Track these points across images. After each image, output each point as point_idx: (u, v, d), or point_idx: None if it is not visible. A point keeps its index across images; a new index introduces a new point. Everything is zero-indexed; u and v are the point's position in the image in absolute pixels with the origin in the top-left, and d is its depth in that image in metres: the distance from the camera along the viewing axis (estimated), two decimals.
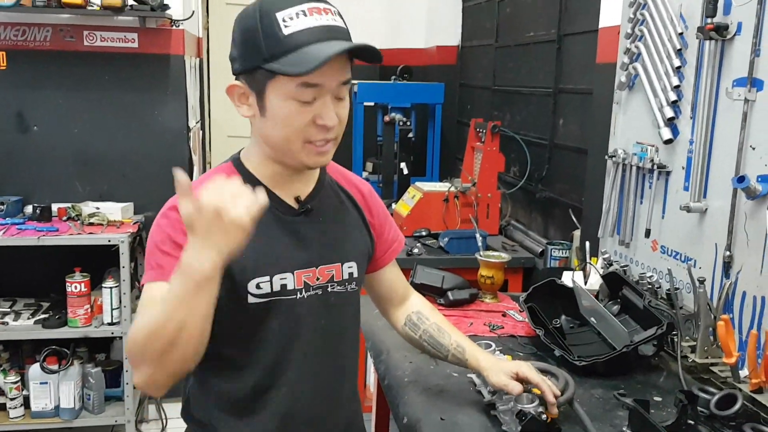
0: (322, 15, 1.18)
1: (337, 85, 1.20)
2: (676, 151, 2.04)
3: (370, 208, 1.45)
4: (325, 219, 1.35)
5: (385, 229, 1.49)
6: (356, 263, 1.39)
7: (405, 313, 1.56)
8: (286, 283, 1.28)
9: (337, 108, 1.21)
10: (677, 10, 2.03)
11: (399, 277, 1.57)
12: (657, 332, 1.76)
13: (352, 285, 1.39)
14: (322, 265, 1.33)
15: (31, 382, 3.06)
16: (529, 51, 3.59)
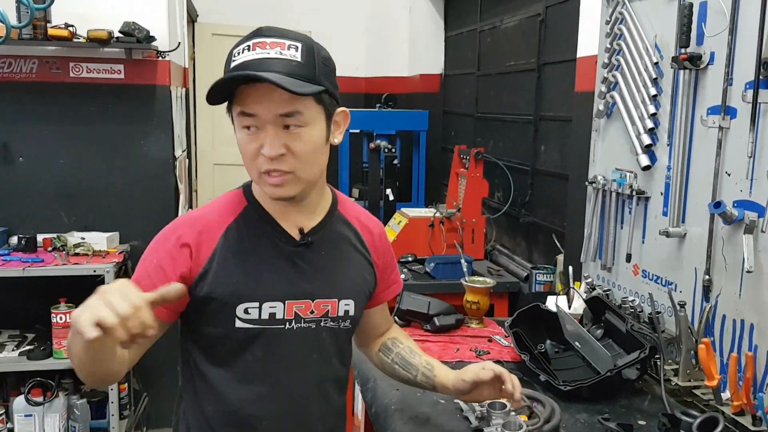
0: (265, 49, 1.19)
1: (274, 116, 1.18)
2: (654, 178, 2.09)
3: (377, 249, 1.45)
4: (327, 253, 1.35)
5: (388, 271, 1.50)
6: (354, 301, 1.37)
7: (381, 341, 1.58)
8: (275, 312, 1.28)
9: (286, 139, 1.19)
10: (652, 40, 2.09)
11: (386, 313, 1.59)
12: (640, 356, 1.79)
13: (346, 323, 1.37)
14: (318, 299, 1.32)
15: (16, 414, 3.02)
16: (510, 79, 3.66)
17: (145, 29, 3.14)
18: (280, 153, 1.19)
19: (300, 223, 1.32)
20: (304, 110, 1.19)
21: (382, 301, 1.53)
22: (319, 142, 1.23)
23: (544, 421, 1.55)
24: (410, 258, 3.40)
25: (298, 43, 1.21)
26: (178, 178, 3.59)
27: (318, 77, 1.20)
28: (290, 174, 1.22)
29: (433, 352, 2.13)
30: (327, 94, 1.23)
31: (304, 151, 1.21)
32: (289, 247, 1.31)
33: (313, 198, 1.33)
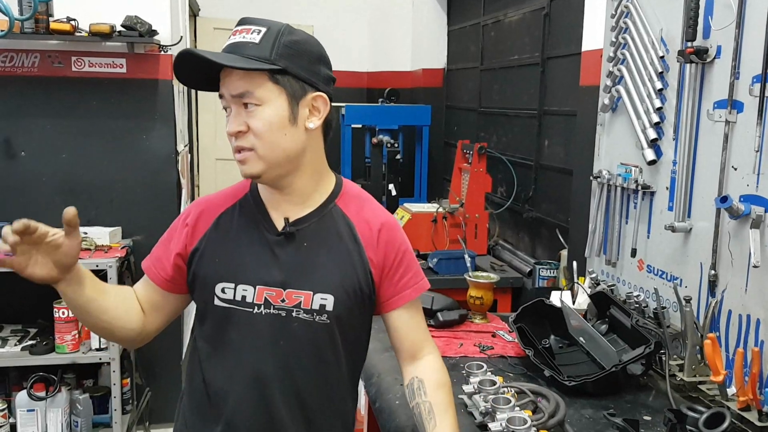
0: (241, 34, 1.29)
1: (231, 96, 1.28)
2: (660, 172, 2.08)
3: (377, 246, 1.39)
4: (309, 245, 1.36)
5: (397, 273, 1.40)
6: (334, 297, 1.34)
7: (410, 375, 1.44)
8: (246, 295, 1.34)
9: (245, 117, 1.28)
10: (658, 34, 2.08)
11: (409, 329, 1.44)
12: (645, 351, 1.78)
13: (323, 317, 1.35)
14: (290, 289, 1.34)
15: (18, 409, 3.02)
16: (513, 74, 3.64)
17: (147, 23, 3.13)
18: (239, 130, 1.28)
19: (288, 214, 1.37)
20: (256, 90, 1.27)
21: (393, 305, 1.41)
22: (276, 121, 1.28)
23: (549, 416, 1.55)
24: None
25: (263, 28, 1.29)
26: (181, 173, 3.58)
27: (274, 58, 1.27)
28: (251, 151, 1.29)
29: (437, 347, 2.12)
30: (288, 76, 1.29)
31: (260, 128, 1.28)
32: (271, 235, 1.36)
33: (301, 188, 1.37)
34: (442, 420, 1.36)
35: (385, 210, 1.47)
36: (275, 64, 1.27)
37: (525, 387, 1.67)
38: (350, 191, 1.44)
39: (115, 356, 3.03)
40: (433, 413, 1.37)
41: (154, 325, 1.43)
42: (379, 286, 1.40)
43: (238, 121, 1.28)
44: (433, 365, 1.44)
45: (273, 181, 1.34)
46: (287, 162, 1.32)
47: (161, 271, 1.41)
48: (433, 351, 1.47)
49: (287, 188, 1.36)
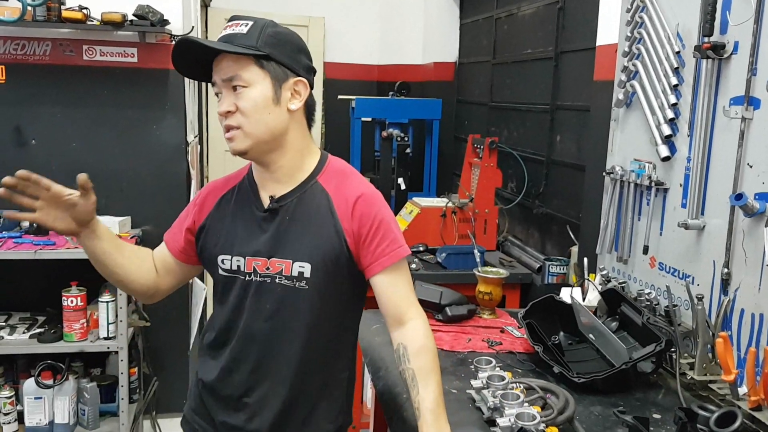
0: (231, 28, 1.48)
1: (222, 80, 1.47)
2: (674, 169, 2.06)
3: (352, 217, 1.51)
4: (291, 219, 1.54)
5: (374, 241, 1.50)
6: (311, 265, 1.51)
7: (396, 341, 1.52)
8: (240, 265, 1.55)
9: (234, 99, 1.46)
10: (674, 29, 2.06)
11: (390, 294, 1.52)
12: (656, 349, 1.76)
13: (302, 283, 1.52)
14: (273, 258, 1.53)
15: (26, 397, 3.03)
16: (526, 68, 3.62)
17: (159, 13, 3.12)
18: (228, 110, 1.46)
19: (273, 191, 1.55)
20: (243, 73, 1.45)
21: (372, 271, 1.51)
22: (261, 101, 1.46)
23: (558, 412, 1.53)
24: (421, 248, 3.38)
25: (250, 22, 1.48)
26: (190, 164, 3.58)
27: (259, 45, 1.45)
28: (239, 129, 1.47)
29: (445, 342, 2.11)
30: (272, 62, 1.47)
31: (247, 107, 1.45)
32: (258, 212, 1.56)
33: (285, 166, 1.54)
34: (425, 387, 1.45)
35: (365, 183, 1.59)
36: (260, 50, 1.45)
37: (534, 383, 1.66)
38: (333, 167, 1.59)
39: (123, 345, 3.04)
40: (415, 380, 1.46)
41: (165, 285, 1.69)
42: (357, 254, 1.52)
43: (228, 102, 1.46)
44: (416, 330, 1.51)
45: (259, 156, 1.52)
46: (271, 139, 1.50)
47: (176, 242, 1.65)
48: (417, 317, 1.53)
49: (273, 165, 1.54)
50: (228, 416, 1.60)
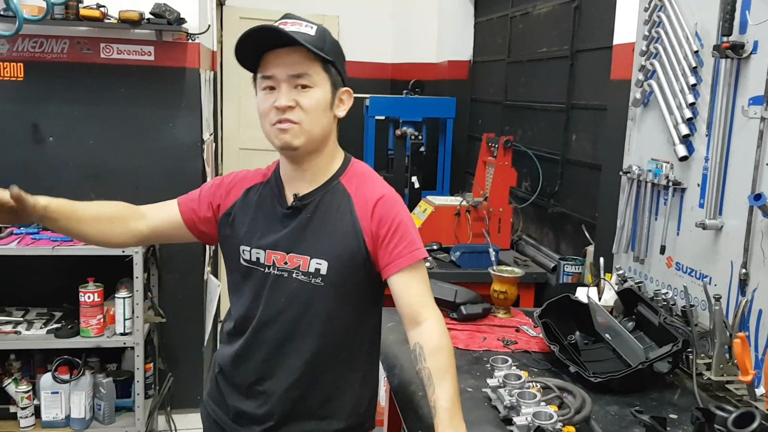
0: (294, 26, 1.48)
1: (287, 75, 1.47)
2: (692, 168, 2.05)
3: (371, 218, 1.54)
4: (311, 217, 1.57)
5: (391, 242, 1.52)
6: (328, 262, 1.54)
7: (413, 341, 1.53)
8: (260, 257, 1.59)
9: (296, 96, 1.48)
10: (693, 28, 2.05)
11: (406, 293, 1.54)
12: (672, 349, 1.76)
13: (317, 280, 1.55)
14: (292, 253, 1.56)
15: (43, 391, 3.06)
16: (541, 66, 3.61)
17: (175, 11, 3.14)
18: (290, 105, 1.47)
19: (298, 190, 1.59)
20: (313, 73, 1.48)
21: (389, 271, 1.53)
22: (323, 103, 1.51)
23: (575, 411, 1.53)
24: (435, 246, 3.38)
25: (314, 25, 1.50)
26: (206, 162, 3.60)
27: (327, 51, 1.49)
28: (297, 124, 1.48)
29: (460, 340, 2.12)
30: (333, 67, 1.52)
31: (310, 105, 1.48)
32: (281, 209, 1.60)
33: (316, 166, 1.58)
34: (440, 386, 1.44)
35: (385, 186, 1.62)
36: (328, 56, 1.50)
37: (550, 382, 1.66)
38: (356, 169, 1.64)
39: (139, 341, 3.06)
40: (431, 380, 1.46)
41: (150, 235, 1.69)
42: (375, 254, 1.55)
43: (289, 97, 1.47)
44: (432, 330, 1.51)
45: (302, 155, 1.55)
46: (319, 140, 1.54)
47: (190, 208, 1.67)
48: (432, 316, 1.53)
49: (306, 164, 1.57)
50: (240, 402, 1.64)
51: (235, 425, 1.66)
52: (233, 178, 1.68)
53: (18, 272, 3.28)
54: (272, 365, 1.60)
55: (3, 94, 3.25)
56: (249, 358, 1.63)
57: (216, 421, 1.70)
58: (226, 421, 1.67)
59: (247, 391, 1.63)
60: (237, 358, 1.64)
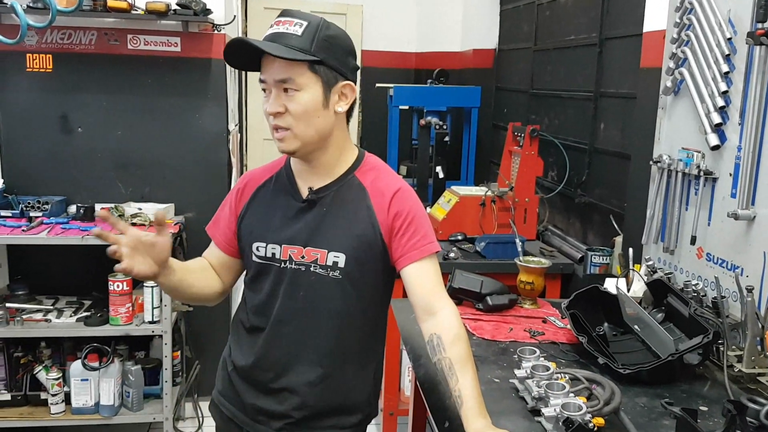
0: (284, 25, 1.48)
1: (274, 81, 1.47)
2: (723, 158, 2.01)
3: (387, 211, 1.56)
4: (328, 211, 1.58)
5: (405, 235, 1.55)
6: (346, 255, 1.55)
7: (429, 331, 1.53)
8: (275, 252, 1.59)
9: (285, 100, 1.48)
10: (726, 15, 2.01)
11: (419, 284, 1.55)
12: (703, 341, 1.73)
13: (335, 273, 1.56)
14: (309, 247, 1.57)
15: (73, 378, 3.11)
16: (568, 54, 3.56)
17: (201, 2, 3.16)
18: (278, 111, 1.48)
19: (311, 183, 1.59)
20: (297, 77, 1.46)
21: (403, 263, 1.55)
22: (312, 105, 1.49)
23: (604, 403, 1.52)
24: (460, 237, 3.36)
25: (305, 22, 1.47)
26: (231, 152, 3.62)
27: (314, 50, 1.46)
28: (288, 130, 1.49)
29: (486, 331, 2.11)
30: (324, 66, 1.48)
31: (297, 111, 1.48)
32: (297, 202, 1.60)
33: (325, 161, 1.58)
34: (464, 375, 1.45)
35: (400, 179, 1.63)
36: (314, 55, 1.46)
37: (579, 374, 1.64)
38: (370, 163, 1.64)
39: (166, 329, 3.10)
40: (453, 369, 1.46)
41: (229, 282, 1.73)
42: (389, 246, 1.57)
43: (278, 103, 1.48)
44: (448, 320, 1.52)
45: (305, 156, 1.56)
46: (319, 140, 1.53)
47: (225, 238, 1.69)
48: (446, 306, 1.54)
49: (314, 161, 1.58)
50: (258, 399, 1.64)
51: (254, 422, 1.66)
52: (244, 180, 1.70)
53: (48, 261, 3.34)
54: (291, 361, 1.61)
55: (32, 85, 3.30)
56: (267, 354, 1.63)
57: (231, 419, 1.70)
58: (244, 419, 1.68)
59: (266, 387, 1.63)
60: (255, 356, 1.64)
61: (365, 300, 1.62)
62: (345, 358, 1.63)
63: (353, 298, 1.59)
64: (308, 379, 1.61)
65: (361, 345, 1.66)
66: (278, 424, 1.63)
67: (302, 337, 1.60)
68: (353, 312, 1.60)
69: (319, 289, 1.57)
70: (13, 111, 3.31)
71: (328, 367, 1.61)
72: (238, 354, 1.69)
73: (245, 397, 1.66)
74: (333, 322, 1.59)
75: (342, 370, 1.63)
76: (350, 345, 1.63)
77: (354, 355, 1.65)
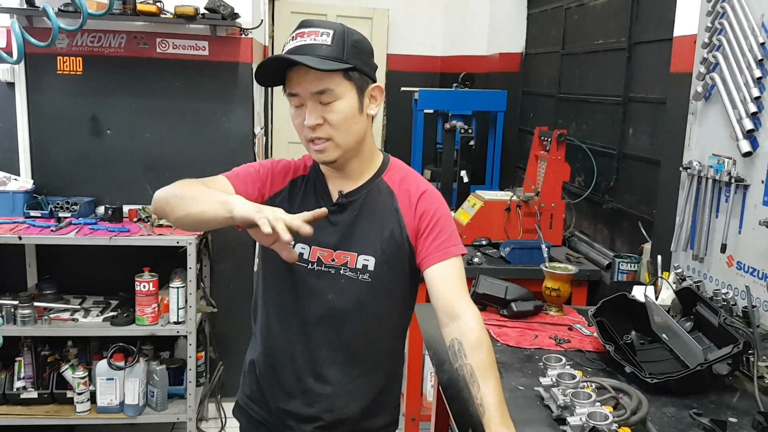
0: (303, 37, 1.46)
1: (311, 93, 1.45)
2: (755, 165, 1.98)
3: (414, 213, 1.57)
4: (358, 214, 1.57)
5: (431, 236, 1.55)
6: (375, 258, 1.55)
7: (450, 336, 1.51)
8: (304, 253, 1.57)
9: (323, 112, 1.46)
10: (759, 19, 1.97)
11: (441, 286, 1.54)
12: (733, 351, 1.69)
13: (365, 276, 1.56)
14: (339, 250, 1.56)
15: (98, 377, 3.15)
16: (597, 59, 3.53)
17: (229, 6, 3.18)
18: (318, 123, 1.46)
19: (342, 187, 1.59)
20: (334, 87, 1.45)
21: (426, 264, 1.55)
22: (350, 112, 1.48)
23: (631, 412, 1.49)
24: (484, 242, 3.34)
25: (331, 30, 1.46)
26: (257, 155, 3.64)
27: (346, 57, 1.46)
28: (329, 141, 1.48)
29: (511, 338, 2.09)
30: (356, 71, 1.48)
31: (337, 120, 1.47)
32: (327, 205, 1.55)
33: (355, 166, 1.58)
34: (485, 383, 1.42)
35: (425, 182, 1.64)
36: (348, 62, 1.46)
37: (606, 382, 1.62)
38: (396, 167, 1.65)
39: (191, 330, 3.12)
40: (475, 376, 1.43)
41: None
42: (415, 248, 1.57)
43: (316, 115, 1.46)
44: (470, 325, 1.49)
45: (341, 163, 1.55)
46: (355, 146, 1.54)
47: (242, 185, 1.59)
48: (469, 310, 1.51)
49: (346, 167, 1.58)
50: (286, 403, 1.63)
51: (283, 426, 1.65)
52: (283, 166, 1.65)
53: (76, 261, 3.39)
54: (321, 364, 1.60)
55: (63, 88, 3.35)
56: (295, 357, 1.61)
57: (260, 422, 1.69)
58: (273, 423, 1.67)
59: (295, 390, 1.62)
60: (282, 358, 1.62)
61: (393, 302, 1.62)
62: (374, 361, 1.63)
63: (382, 301, 1.59)
64: (338, 381, 1.60)
65: (389, 347, 1.66)
66: (308, 427, 1.63)
67: (332, 340, 1.59)
68: (382, 314, 1.60)
69: (348, 293, 1.57)
70: (44, 113, 3.36)
71: (357, 370, 1.61)
72: (263, 356, 1.67)
73: (273, 400, 1.65)
74: (362, 325, 1.59)
75: (371, 372, 1.63)
76: (379, 347, 1.63)
77: (382, 357, 1.65)
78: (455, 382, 1.81)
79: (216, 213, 1.39)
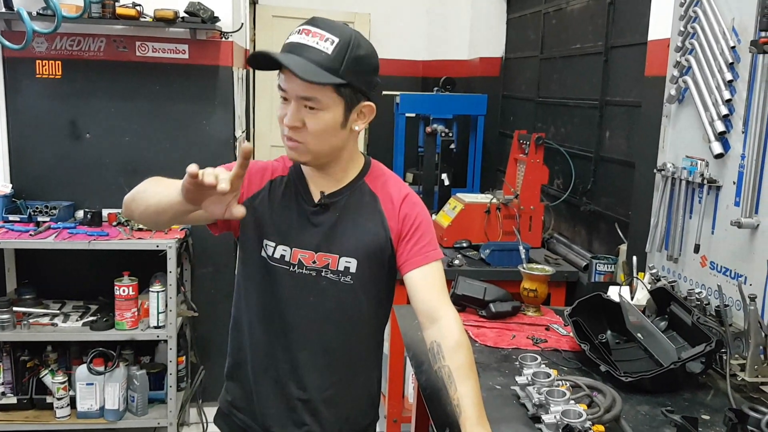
0: (314, 38, 1.41)
1: (297, 96, 1.43)
2: (727, 166, 2.01)
3: (397, 216, 1.57)
4: (340, 216, 1.56)
5: (411, 240, 1.56)
6: (357, 260, 1.55)
7: (430, 339, 1.52)
8: (285, 255, 1.56)
9: (305, 116, 1.44)
10: (729, 23, 2.01)
11: (421, 290, 1.55)
12: (705, 349, 1.73)
13: (347, 278, 1.56)
14: (320, 252, 1.55)
15: (78, 382, 3.13)
16: (574, 63, 3.57)
17: (209, 10, 3.18)
18: (296, 125, 1.44)
19: (323, 188, 1.57)
20: (321, 97, 1.42)
21: (406, 268, 1.55)
22: (331, 125, 1.46)
23: (605, 410, 1.52)
24: (465, 244, 3.36)
25: (337, 38, 1.41)
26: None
27: (342, 72, 1.41)
28: (302, 144, 1.47)
29: (489, 338, 2.11)
30: (349, 88, 1.44)
31: (316, 129, 1.45)
32: (308, 206, 1.57)
33: (336, 169, 1.57)
34: (462, 383, 1.44)
35: (406, 186, 1.64)
36: (341, 77, 1.41)
37: (580, 381, 1.64)
38: (377, 170, 1.64)
39: (172, 334, 3.11)
40: (452, 378, 1.45)
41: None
42: (396, 251, 1.57)
43: (297, 117, 1.44)
44: (449, 327, 1.51)
45: (316, 165, 1.55)
46: (331, 154, 1.53)
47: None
48: (449, 313, 1.53)
49: (324, 170, 1.57)
50: (270, 408, 1.62)
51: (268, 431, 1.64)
52: (260, 167, 1.61)
53: (55, 266, 3.37)
54: (302, 368, 1.59)
55: (42, 91, 3.33)
56: (277, 361, 1.60)
57: (245, 429, 1.68)
58: (256, 429, 1.65)
59: (279, 395, 1.61)
60: (263, 362, 1.61)
61: (374, 305, 1.62)
62: (355, 363, 1.63)
63: (363, 303, 1.59)
64: (318, 387, 1.60)
65: (370, 349, 1.67)
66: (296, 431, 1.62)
67: (313, 344, 1.58)
68: (364, 317, 1.60)
69: (330, 295, 1.56)
70: (23, 116, 3.34)
71: (339, 373, 1.61)
72: (245, 361, 1.64)
73: (256, 405, 1.64)
74: (344, 328, 1.59)
75: (353, 374, 1.63)
76: (360, 350, 1.63)
77: (363, 360, 1.65)
78: (434, 383, 1.83)
79: (170, 198, 1.36)
